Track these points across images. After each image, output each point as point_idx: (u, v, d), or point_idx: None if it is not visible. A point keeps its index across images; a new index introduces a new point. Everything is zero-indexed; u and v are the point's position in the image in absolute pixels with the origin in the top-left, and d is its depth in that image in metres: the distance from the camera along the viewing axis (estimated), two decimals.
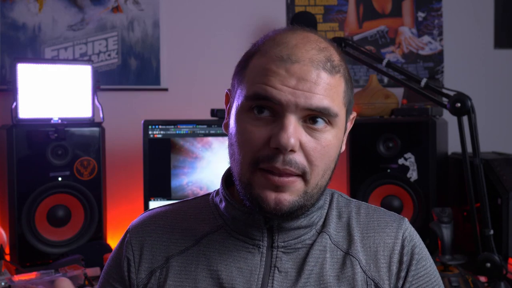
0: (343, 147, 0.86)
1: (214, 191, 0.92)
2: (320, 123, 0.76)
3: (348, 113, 0.83)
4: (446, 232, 1.66)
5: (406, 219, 0.89)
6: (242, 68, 0.81)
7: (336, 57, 0.79)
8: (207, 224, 0.86)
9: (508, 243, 1.77)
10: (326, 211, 0.87)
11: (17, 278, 1.55)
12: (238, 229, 0.83)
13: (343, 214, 0.88)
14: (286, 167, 0.74)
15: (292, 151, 0.74)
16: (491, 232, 1.54)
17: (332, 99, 0.76)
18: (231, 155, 0.80)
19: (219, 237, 0.83)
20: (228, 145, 0.81)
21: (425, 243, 0.90)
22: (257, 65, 0.77)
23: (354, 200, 0.92)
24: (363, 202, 0.92)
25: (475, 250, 1.58)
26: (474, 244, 1.58)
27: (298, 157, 0.75)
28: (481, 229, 1.56)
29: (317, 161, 0.76)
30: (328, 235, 0.84)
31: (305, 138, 0.75)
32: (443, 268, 1.62)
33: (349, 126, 0.87)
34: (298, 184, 0.76)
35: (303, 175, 0.76)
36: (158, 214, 0.90)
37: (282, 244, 0.82)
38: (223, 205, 0.85)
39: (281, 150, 0.73)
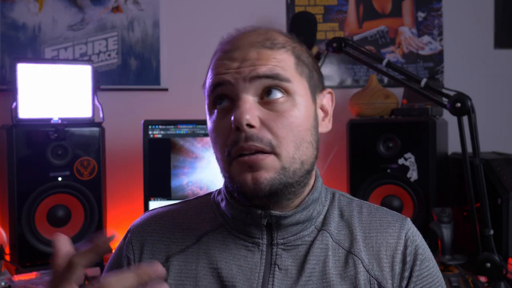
0: (328, 126, 0.86)
1: (216, 190, 0.92)
2: (276, 94, 0.77)
3: (313, 87, 0.82)
4: (446, 232, 1.66)
5: (409, 219, 0.89)
6: (206, 74, 0.84)
7: (279, 38, 0.81)
8: (207, 223, 0.86)
9: (508, 243, 1.77)
10: (326, 208, 0.87)
11: (17, 278, 1.55)
12: (238, 228, 0.83)
13: (345, 213, 0.87)
14: (249, 143, 0.74)
15: (250, 126, 0.74)
16: (491, 232, 1.54)
17: (280, 68, 0.77)
18: (215, 155, 0.83)
19: (220, 236, 0.84)
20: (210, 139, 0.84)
21: None
22: (210, 66, 0.82)
23: (356, 199, 0.91)
24: (365, 201, 0.91)
25: (475, 250, 1.58)
26: (474, 244, 1.58)
27: (261, 132, 0.75)
28: (481, 229, 1.56)
29: (282, 132, 0.76)
30: (328, 233, 0.84)
31: (263, 112, 0.76)
32: (443, 268, 1.62)
33: (328, 103, 0.87)
34: (271, 160, 0.75)
35: (273, 151, 0.76)
36: (159, 214, 0.90)
37: (282, 241, 0.82)
38: (223, 203, 0.86)
39: (240, 128, 0.74)
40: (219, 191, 0.91)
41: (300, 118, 0.78)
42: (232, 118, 0.75)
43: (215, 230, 0.85)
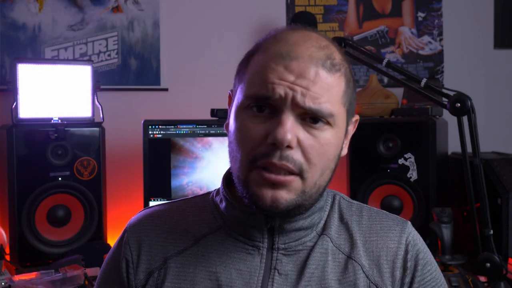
0: (345, 151, 0.84)
1: (215, 190, 0.91)
2: (319, 122, 0.76)
3: (348, 114, 0.81)
4: (446, 232, 1.66)
5: (409, 223, 0.88)
6: (243, 67, 0.81)
7: (337, 56, 0.78)
8: (206, 225, 0.85)
9: (508, 243, 1.77)
10: (327, 213, 0.86)
11: (17, 278, 1.54)
12: (238, 230, 0.82)
13: (345, 216, 0.87)
14: (282, 163, 0.73)
15: (289, 147, 0.73)
16: (491, 232, 1.54)
17: (328, 99, 0.75)
18: (230, 153, 0.80)
19: (219, 238, 0.82)
20: (228, 143, 0.81)
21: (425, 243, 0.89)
22: (257, 63, 0.77)
23: (356, 202, 0.91)
24: (365, 205, 0.91)
25: (475, 250, 1.57)
26: (474, 244, 1.58)
27: (296, 154, 0.74)
28: (481, 229, 1.56)
29: (315, 159, 0.75)
30: (329, 237, 0.83)
31: (303, 135, 0.74)
32: (443, 268, 1.61)
33: (352, 129, 0.85)
34: (296, 183, 0.75)
35: (300, 173, 0.74)
36: (157, 213, 0.89)
37: (283, 246, 0.81)
38: (223, 205, 0.84)
39: (277, 146, 0.72)
40: (217, 191, 0.89)
41: (332, 148, 0.77)
42: (273, 135, 0.72)
43: (214, 233, 0.83)
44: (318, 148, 0.75)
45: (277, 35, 0.79)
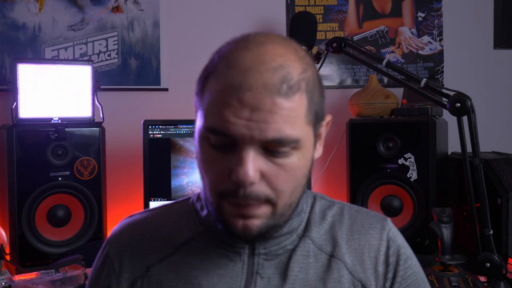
0: (319, 152, 0.82)
1: (195, 195, 0.90)
2: (282, 151, 0.72)
3: (316, 125, 0.77)
4: (446, 232, 1.66)
5: (389, 219, 0.89)
6: (201, 89, 0.77)
7: (295, 72, 0.71)
8: (187, 231, 0.84)
9: (508, 243, 1.77)
10: (307, 215, 0.86)
11: (17, 278, 1.55)
12: (219, 236, 0.82)
13: (326, 216, 0.87)
14: (247, 201, 0.72)
15: (252, 183, 0.71)
16: (490, 232, 1.54)
17: (291, 125, 0.70)
18: (200, 174, 0.78)
19: (200, 244, 0.82)
20: (195, 155, 0.79)
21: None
22: (212, 91, 0.73)
23: (336, 201, 0.91)
24: (346, 203, 0.91)
25: (475, 250, 1.58)
26: (474, 244, 1.58)
27: (260, 188, 0.72)
28: (481, 229, 1.56)
29: (282, 186, 0.73)
30: (310, 239, 0.83)
31: (266, 166, 0.72)
32: (443, 268, 1.61)
33: (324, 131, 0.82)
34: (265, 208, 0.74)
35: (268, 202, 0.73)
36: (137, 222, 0.88)
37: (264, 251, 0.81)
38: (204, 212, 0.84)
39: (240, 185, 0.70)
40: (198, 197, 0.88)
41: (300, 170, 0.75)
42: (235, 175, 0.70)
43: (195, 239, 0.83)
44: (284, 176, 0.73)
45: (229, 57, 0.73)
